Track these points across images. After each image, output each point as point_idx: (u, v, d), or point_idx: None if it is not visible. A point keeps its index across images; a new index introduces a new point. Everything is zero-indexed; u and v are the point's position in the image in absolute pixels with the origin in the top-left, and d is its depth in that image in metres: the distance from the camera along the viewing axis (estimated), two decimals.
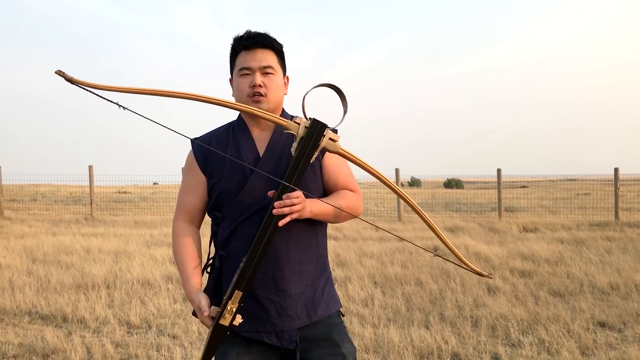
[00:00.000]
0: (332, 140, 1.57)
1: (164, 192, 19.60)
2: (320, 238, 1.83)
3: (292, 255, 1.72)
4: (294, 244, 1.73)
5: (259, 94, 1.71)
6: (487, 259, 7.24)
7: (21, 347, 4.05)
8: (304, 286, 1.75)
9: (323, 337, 1.76)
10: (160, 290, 5.69)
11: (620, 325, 4.50)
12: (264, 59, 1.73)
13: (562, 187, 22.48)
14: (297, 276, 1.73)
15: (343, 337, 1.80)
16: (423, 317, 4.75)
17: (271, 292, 1.70)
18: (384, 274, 6.43)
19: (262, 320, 1.70)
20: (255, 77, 1.72)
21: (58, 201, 18.08)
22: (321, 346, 1.75)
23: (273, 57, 1.76)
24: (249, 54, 1.73)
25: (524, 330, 4.35)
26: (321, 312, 1.77)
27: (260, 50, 1.73)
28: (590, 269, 6.48)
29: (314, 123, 1.55)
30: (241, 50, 1.75)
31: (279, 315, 1.70)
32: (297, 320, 1.72)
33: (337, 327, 1.81)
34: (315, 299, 1.77)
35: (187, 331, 4.42)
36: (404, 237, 1.65)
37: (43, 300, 5.27)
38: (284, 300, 1.70)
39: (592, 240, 9.20)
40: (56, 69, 1.37)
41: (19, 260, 7.28)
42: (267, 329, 1.70)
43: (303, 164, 1.55)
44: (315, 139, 1.54)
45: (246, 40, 1.74)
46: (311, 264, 1.78)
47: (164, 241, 9.30)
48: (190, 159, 1.82)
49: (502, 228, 11.06)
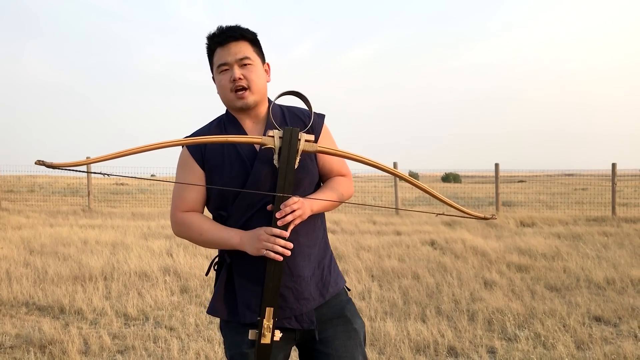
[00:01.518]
0: (308, 141, 1.62)
1: (162, 184, 19.59)
2: (321, 219, 1.89)
3: (301, 240, 1.76)
4: (302, 229, 1.75)
5: (241, 88, 1.72)
6: (484, 254, 7.26)
7: (18, 338, 4.05)
8: (313, 268, 1.80)
9: (336, 315, 1.83)
10: (158, 282, 5.69)
11: (615, 320, 4.51)
12: (239, 51, 1.73)
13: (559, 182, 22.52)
14: (306, 260, 1.78)
15: (354, 313, 1.87)
16: (420, 310, 4.76)
17: (287, 280, 1.73)
18: (381, 267, 6.44)
19: (281, 307, 1.72)
20: (234, 71, 1.71)
21: (55, 192, 18.06)
22: (335, 324, 1.81)
23: (248, 47, 1.75)
24: (224, 50, 1.73)
25: (520, 325, 4.36)
26: (332, 290, 1.84)
27: (233, 43, 1.73)
28: (586, 264, 6.51)
29: (286, 132, 1.59)
30: (216, 48, 1.75)
31: (296, 300, 1.74)
32: (312, 302, 1.77)
33: (348, 304, 1.88)
34: (325, 278, 1.83)
35: (184, 323, 4.43)
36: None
37: (40, 291, 5.28)
38: (299, 284, 1.75)
39: (588, 235, 9.23)
40: (36, 159, 1.43)
41: (16, 252, 7.28)
42: (287, 314, 1.74)
43: (288, 172, 1.59)
44: (292, 146, 1.58)
45: (218, 37, 1.74)
46: (316, 246, 1.83)
47: (161, 233, 9.30)
48: (186, 156, 1.80)
49: (500, 223, 11.07)
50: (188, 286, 5.56)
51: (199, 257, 6.87)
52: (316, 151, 1.62)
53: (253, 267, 1.73)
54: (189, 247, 7.59)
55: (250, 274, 1.75)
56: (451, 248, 7.74)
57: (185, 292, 5.42)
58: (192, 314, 4.65)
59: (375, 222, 11.36)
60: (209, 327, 4.37)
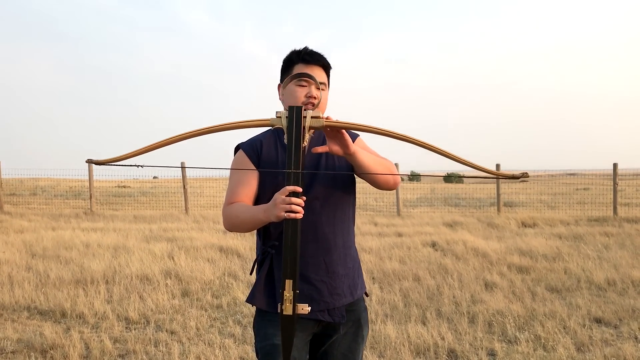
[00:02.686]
0: (315, 117, 1.68)
1: (164, 187, 19.62)
2: (353, 226, 2.05)
3: (338, 240, 1.93)
4: (339, 231, 1.94)
5: (312, 104, 1.88)
6: (485, 255, 7.26)
7: (19, 343, 4.07)
8: (347, 268, 1.97)
9: (352, 318, 1.98)
10: (159, 285, 5.71)
11: (616, 321, 4.52)
12: (320, 75, 1.93)
13: (561, 182, 22.48)
14: (342, 258, 1.94)
15: (366, 321, 2.04)
16: (420, 313, 4.76)
17: (323, 274, 1.89)
18: (382, 269, 6.45)
19: (316, 300, 1.88)
20: (311, 88, 1.89)
21: (58, 195, 18.09)
22: (348, 326, 1.97)
23: (325, 76, 1.96)
24: (307, 68, 1.91)
25: (520, 327, 4.37)
26: (359, 292, 2.01)
27: (317, 67, 1.93)
28: (587, 265, 6.51)
29: (290, 110, 1.66)
30: (299, 63, 1.93)
31: (330, 294, 1.90)
32: (344, 298, 1.93)
33: (364, 312, 2.04)
34: (355, 279, 2.00)
35: (185, 327, 4.44)
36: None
37: (42, 295, 5.29)
38: (334, 280, 1.91)
39: (590, 235, 9.22)
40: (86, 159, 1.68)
41: (18, 255, 7.30)
42: (321, 307, 1.89)
43: (296, 149, 1.64)
44: (297, 123, 1.65)
45: (307, 55, 1.93)
46: (352, 248, 2.02)
47: (162, 236, 9.32)
48: (241, 157, 1.96)
49: (501, 223, 11.07)
50: (189, 289, 5.58)
51: (200, 261, 6.89)
52: (323, 126, 1.68)
53: None
54: (191, 251, 7.61)
55: None
56: (452, 249, 7.74)
57: (186, 295, 5.44)
58: (193, 317, 4.66)
59: (376, 224, 11.36)
60: (210, 330, 4.39)
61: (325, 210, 1.90)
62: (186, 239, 8.82)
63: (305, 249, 1.86)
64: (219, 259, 7.08)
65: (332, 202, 1.92)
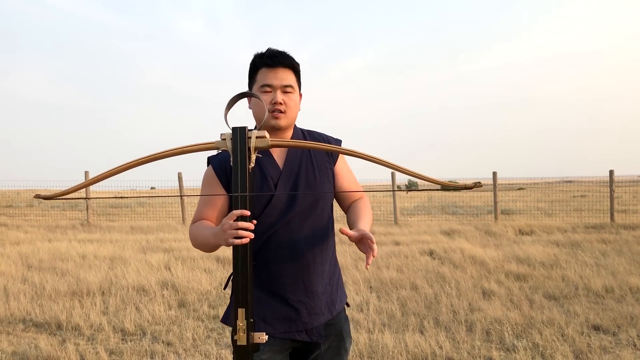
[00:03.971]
0: (261, 137, 1.59)
1: (161, 198, 19.57)
2: (333, 237, 1.98)
3: (317, 258, 1.87)
4: (318, 248, 1.87)
5: (279, 111, 1.81)
6: (483, 263, 7.25)
7: (14, 356, 4.04)
8: (325, 284, 1.91)
9: (334, 332, 1.94)
10: (155, 296, 5.68)
11: (614, 328, 4.50)
12: (285, 78, 1.83)
13: (558, 189, 22.53)
14: (320, 276, 1.88)
15: (347, 333, 2.00)
16: (418, 321, 4.75)
17: (301, 295, 1.84)
18: (379, 278, 6.43)
19: (294, 320, 1.83)
20: (276, 94, 1.81)
21: (54, 207, 18.04)
22: (330, 340, 1.93)
23: (292, 76, 1.86)
24: (270, 72, 1.82)
25: (518, 335, 4.35)
26: (338, 307, 1.96)
27: (281, 69, 1.83)
28: (585, 272, 6.50)
29: (234, 131, 1.58)
30: (262, 67, 1.83)
31: (308, 314, 1.85)
32: (322, 317, 1.88)
33: (345, 323, 2.00)
34: (333, 295, 1.94)
35: (181, 338, 4.41)
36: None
37: (37, 307, 5.26)
38: (312, 300, 1.85)
39: (587, 242, 9.22)
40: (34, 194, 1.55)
41: (14, 267, 7.26)
42: (299, 327, 1.84)
43: (242, 172, 1.56)
44: (242, 145, 1.57)
45: (269, 59, 1.82)
46: (328, 264, 1.94)
47: (159, 247, 9.28)
48: (210, 176, 1.88)
49: (498, 231, 11.07)
50: (186, 300, 5.55)
51: (197, 271, 6.86)
52: (269, 146, 1.59)
53: (269, 280, 1.83)
54: (187, 261, 7.58)
55: (265, 286, 1.83)
56: (450, 258, 7.73)
57: (183, 306, 5.41)
58: (190, 328, 4.63)
59: (374, 232, 11.34)
60: (207, 341, 4.36)
61: (304, 228, 1.84)
62: (183, 249, 8.79)
63: (283, 269, 1.82)
64: (215, 270, 7.05)
65: (312, 219, 1.86)
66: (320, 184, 1.88)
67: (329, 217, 1.94)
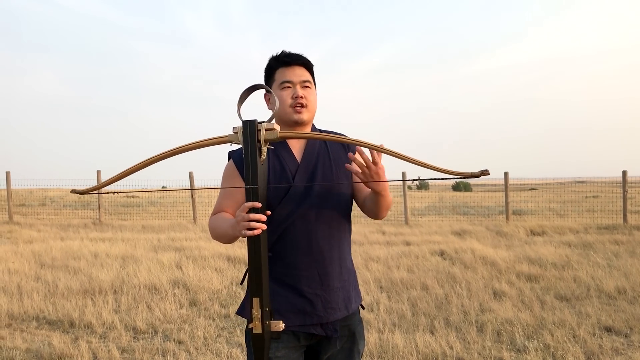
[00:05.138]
0: (270, 129, 1.61)
1: (173, 197, 19.68)
2: (349, 234, 2.00)
3: (333, 252, 1.88)
4: (335, 241, 1.89)
5: (300, 105, 1.86)
6: (494, 263, 7.22)
7: (28, 353, 4.08)
8: (343, 280, 1.91)
9: (347, 332, 1.93)
10: (167, 295, 5.71)
11: (626, 330, 4.47)
12: (303, 74, 1.90)
13: (570, 189, 22.37)
14: (337, 271, 1.89)
15: (361, 335, 1.98)
16: (428, 322, 4.74)
17: (317, 288, 1.84)
18: (389, 278, 6.43)
19: (309, 313, 1.83)
20: (296, 89, 1.87)
21: (67, 206, 18.20)
22: (344, 341, 1.92)
23: (308, 74, 1.92)
24: (288, 69, 1.89)
25: (529, 336, 4.33)
26: (354, 305, 1.95)
27: (298, 66, 1.90)
28: (597, 273, 6.45)
29: (244, 125, 1.61)
30: (280, 67, 1.90)
31: (324, 308, 1.85)
32: (338, 312, 1.88)
33: (359, 325, 1.98)
34: (350, 292, 1.94)
35: (192, 336, 4.44)
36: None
37: (50, 305, 5.31)
38: (328, 294, 1.86)
39: (599, 243, 9.16)
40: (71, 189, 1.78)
41: (27, 266, 7.34)
42: (314, 321, 1.84)
43: (252, 164, 1.59)
44: (252, 138, 1.60)
45: (286, 57, 1.90)
46: (346, 261, 1.95)
47: (171, 246, 9.34)
48: (231, 169, 1.94)
49: (510, 231, 11.02)
50: (197, 299, 5.58)
51: (208, 270, 6.89)
52: (278, 138, 1.61)
53: (285, 272, 1.84)
54: (198, 260, 7.62)
55: (281, 278, 1.85)
56: (460, 258, 7.70)
57: (194, 305, 5.44)
58: (201, 327, 4.66)
59: (384, 233, 11.33)
60: (217, 340, 4.39)
61: (320, 221, 1.85)
62: (194, 248, 8.84)
63: (299, 261, 1.83)
64: (226, 269, 7.08)
65: (328, 212, 1.87)
66: (336, 178, 1.91)
67: (346, 213, 1.95)
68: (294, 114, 1.86)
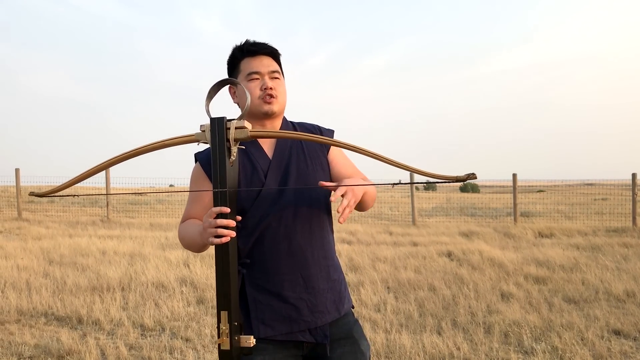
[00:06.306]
0: (240, 127, 1.51)
1: (180, 194, 19.72)
2: (332, 234, 1.88)
3: (315, 252, 1.75)
4: (317, 242, 1.76)
5: (270, 96, 1.74)
6: (502, 265, 7.19)
7: (37, 348, 4.11)
8: (332, 281, 1.79)
9: (344, 335, 1.79)
10: (174, 292, 5.73)
11: (635, 333, 4.44)
12: (270, 64, 1.77)
13: (579, 191, 22.25)
14: (323, 272, 1.77)
15: (360, 335, 1.84)
16: (435, 322, 4.73)
17: (301, 291, 1.72)
18: (397, 278, 6.42)
19: (295, 320, 1.71)
20: (265, 80, 1.75)
21: (75, 203, 18.27)
22: (342, 344, 1.78)
23: (276, 64, 1.80)
24: (254, 60, 1.76)
25: (537, 338, 4.32)
26: (346, 306, 1.83)
27: (265, 56, 1.77)
28: (606, 276, 6.42)
29: (212, 122, 1.50)
30: (245, 57, 1.77)
31: (311, 313, 1.72)
32: (327, 315, 1.76)
33: (356, 325, 1.85)
34: (340, 293, 1.82)
35: (200, 334, 4.45)
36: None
37: (59, 301, 5.34)
38: (314, 297, 1.73)
39: (608, 246, 9.10)
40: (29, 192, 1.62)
41: (36, 262, 7.39)
42: (301, 327, 1.72)
43: (221, 165, 1.49)
44: (221, 137, 1.49)
45: (251, 46, 1.77)
46: (333, 260, 1.83)
47: (178, 244, 9.36)
48: (198, 172, 1.82)
49: (517, 233, 10.98)
50: (204, 297, 5.59)
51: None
52: (248, 137, 1.51)
53: (265, 278, 1.71)
54: (206, 258, 7.64)
55: (262, 285, 1.72)
56: (468, 259, 7.68)
57: (201, 303, 5.46)
58: (208, 325, 4.67)
59: (391, 233, 11.32)
60: None
61: (299, 220, 1.73)
62: None
63: (280, 264, 1.71)
64: None
65: (307, 210, 1.74)
66: (312, 173, 1.77)
67: (326, 208, 1.82)
68: (263, 105, 1.74)
